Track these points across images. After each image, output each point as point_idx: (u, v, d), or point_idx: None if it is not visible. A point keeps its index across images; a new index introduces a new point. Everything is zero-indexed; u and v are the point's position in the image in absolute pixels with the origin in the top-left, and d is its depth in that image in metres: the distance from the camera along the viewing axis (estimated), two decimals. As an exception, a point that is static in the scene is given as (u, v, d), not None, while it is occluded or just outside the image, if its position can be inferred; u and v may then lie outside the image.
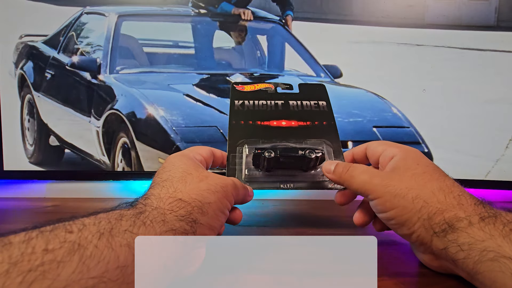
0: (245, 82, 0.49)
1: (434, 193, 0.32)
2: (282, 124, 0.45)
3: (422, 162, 0.35)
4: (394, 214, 0.33)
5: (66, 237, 0.23)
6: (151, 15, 0.68)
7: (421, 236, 0.32)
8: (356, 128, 0.66)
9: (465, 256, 0.29)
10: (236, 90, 0.49)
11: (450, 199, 0.32)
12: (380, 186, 0.34)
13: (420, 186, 0.33)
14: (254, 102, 0.47)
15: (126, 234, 0.25)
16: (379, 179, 0.34)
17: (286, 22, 0.68)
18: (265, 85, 0.49)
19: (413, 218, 0.32)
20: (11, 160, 0.68)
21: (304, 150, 0.39)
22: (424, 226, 0.31)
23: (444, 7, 0.67)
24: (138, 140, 0.65)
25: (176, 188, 0.32)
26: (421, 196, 0.32)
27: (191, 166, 0.35)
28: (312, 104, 0.47)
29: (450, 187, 0.33)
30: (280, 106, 0.47)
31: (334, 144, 0.43)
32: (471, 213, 0.30)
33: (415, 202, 0.32)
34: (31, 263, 0.20)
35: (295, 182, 0.41)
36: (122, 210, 0.28)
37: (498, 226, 0.28)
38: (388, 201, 0.33)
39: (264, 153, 0.39)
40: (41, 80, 0.68)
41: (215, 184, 0.33)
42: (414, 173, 0.34)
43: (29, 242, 0.21)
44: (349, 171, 0.36)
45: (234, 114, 0.46)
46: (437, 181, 0.33)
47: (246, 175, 0.41)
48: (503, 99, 0.67)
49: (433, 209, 0.31)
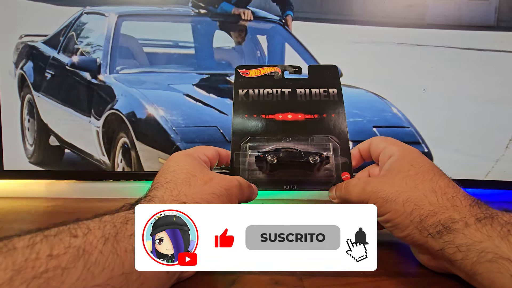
0: (250, 66, 0.46)
1: (425, 195, 0.32)
2: (288, 117, 0.43)
3: (417, 163, 0.35)
4: (387, 218, 0.33)
5: (71, 242, 0.22)
6: (151, 15, 0.68)
7: (415, 238, 0.32)
8: (356, 128, 0.66)
9: (462, 257, 0.28)
10: (240, 75, 0.46)
11: (443, 200, 0.31)
12: (373, 193, 0.34)
13: (411, 188, 0.33)
14: (259, 91, 0.44)
15: (131, 239, 0.25)
16: (371, 187, 0.35)
17: (286, 22, 0.67)
18: (271, 69, 0.46)
19: (405, 221, 0.32)
20: (11, 160, 0.68)
21: (307, 155, 0.38)
22: (417, 229, 0.31)
23: (444, 7, 0.67)
24: (138, 140, 0.65)
25: (180, 191, 0.32)
26: (411, 199, 0.32)
27: (195, 167, 0.35)
28: (321, 93, 0.44)
29: (443, 188, 0.32)
30: (286, 96, 0.44)
31: (341, 140, 0.42)
32: (466, 214, 0.30)
33: (406, 205, 0.32)
34: (35, 269, 0.20)
35: (298, 183, 0.41)
36: (127, 213, 0.28)
37: (496, 227, 0.28)
38: (381, 206, 0.33)
39: (267, 158, 0.38)
40: (41, 80, 0.68)
41: (220, 188, 0.33)
42: (405, 175, 0.34)
43: (33, 247, 0.21)
44: (344, 188, 0.37)
45: (237, 106, 0.44)
46: (429, 183, 0.33)
47: (249, 176, 0.40)
48: (503, 99, 0.67)
49: (425, 212, 0.31)
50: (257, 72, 0.46)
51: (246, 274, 0.32)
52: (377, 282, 0.32)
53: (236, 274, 0.32)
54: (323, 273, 0.33)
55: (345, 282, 0.32)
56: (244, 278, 0.32)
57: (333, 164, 0.41)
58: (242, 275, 0.32)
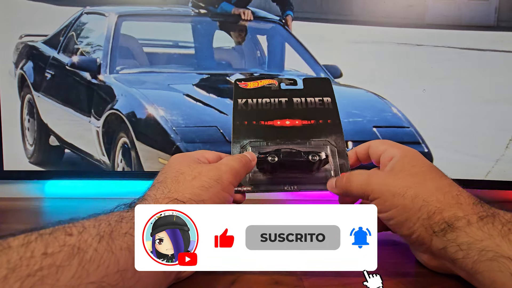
0: (248, 78, 0.49)
1: (432, 192, 0.32)
2: (286, 123, 0.45)
3: (419, 163, 0.35)
4: (393, 213, 0.33)
5: (65, 240, 0.22)
6: (151, 15, 0.68)
7: (421, 236, 0.32)
8: (356, 128, 0.66)
9: (464, 256, 0.29)
10: (239, 87, 0.48)
11: (448, 198, 0.32)
12: (379, 185, 0.34)
13: (419, 185, 0.33)
14: (258, 100, 0.46)
15: (126, 237, 0.25)
16: (377, 179, 0.34)
17: (286, 22, 0.68)
18: (268, 81, 0.48)
19: (412, 218, 0.32)
20: (11, 160, 0.67)
21: (307, 154, 0.39)
22: (423, 226, 0.31)
23: (444, 7, 0.67)
24: (138, 140, 0.65)
25: (170, 188, 0.32)
26: (420, 195, 0.32)
27: (185, 165, 0.35)
28: (316, 101, 0.46)
29: (447, 186, 0.33)
30: (284, 104, 0.46)
31: (338, 143, 0.43)
32: (469, 212, 0.30)
33: (415, 201, 0.32)
34: (30, 267, 0.20)
35: (299, 184, 0.41)
36: (121, 212, 0.28)
37: (497, 225, 0.28)
38: (387, 200, 0.33)
39: (267, 157, 0.39)
40: (41, 80, 0.68)
41: (209, 179, 0.33)
42: (411, 173, 0.34)
43: (28, 245, 0.21)
44: (346, 178, 0.37)
45: (237, 114, 0.45)
46: (434, 181, 0.33)
47: (250, 178, 0.41)
48: (503, 99, 0.67)
49: (433, 208, 0.31)
50: (255, 84, 0.48)
51: (246, 274, 0.32)
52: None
53: (236, 274, 0.32)
54: (323, 273, 0.33)
55: (345, 282, 0.32)
56: (244, 278, 0.32)
57: (332, 165, 0.41)
58: (242, 275, 0.32)
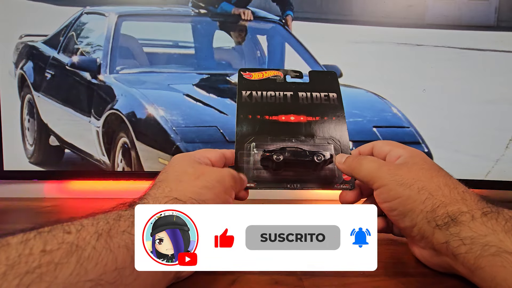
0: (253, 69, 0.47)
1: (440, 187, 0.33)
2: (291, 119, 0.44)
3: (428, 161, 0.36)
4: (397, 203, 0.33)
5: (64, 238, 0.22)
6: (151, 15, 0.68)
7: (423, 228, 0.32)
8: (356, 128, 0.66)
9: (466, 251, 0.29)
10: (244, 78, 0.47)
11: (454, 194, 0.32)
12: (387, 174, 0.34)
13: (428, 179, 0.33)
14: (262, 93, 0.45)
15: (124, 235, 0.25)
16: (387, 168, 0.35)
17: (286, 22, 0.68)
18: (274, 73, 0.47)
19: (416, 209, 0.32)
20: (11, 160, 0.68)
21: (312, 154, 0.39)
22: (426, 218, 0.32)
23: (444, 7, 0.67)
24: (138, 140, 0.65)
25: (172, 188, 0.32)
26: (427, 188, 0.32)
27: (187, 165, 0.35)
28: (322, 97, 0.46)
29: (455, 183, 0.33)
30: (289, 99, 0.45)
31: (342, 142, 0.43)
32: (473, 207, 0.30)
33: (421, 193, 0.32)
34: (29, 264, 0.20)
35: (302, 183, 0.41)
36: (120, 211, 0.28)
37: (500, 221, 0.28)
38: (393, 189, 0.33)
39: (273, 156, 0.39)
40: (41, 80, 0.68)
41: (211, 180, 0.33)
42: (421, 168, 0.34)
43: (26, 243, 0.21)
44: (358, 159, 0.37)
45: (241, 107, 0.44)
46: (443, 177, 0.34)
47: (254, 175, 0.41)
48: (503, 99, 0.67)
49: (437, 202, 0.32)
50: (259, 75, 0.47)
51: (246, 274, 0.32)
52: (377, 282, 0.32)
53: (236, 274, 0.32)
54: (323, 273, 0.33)
55: (345, 282, 0.32)
56: (244, 278, 0.32)
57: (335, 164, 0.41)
58: (242, 275, 0.32)
